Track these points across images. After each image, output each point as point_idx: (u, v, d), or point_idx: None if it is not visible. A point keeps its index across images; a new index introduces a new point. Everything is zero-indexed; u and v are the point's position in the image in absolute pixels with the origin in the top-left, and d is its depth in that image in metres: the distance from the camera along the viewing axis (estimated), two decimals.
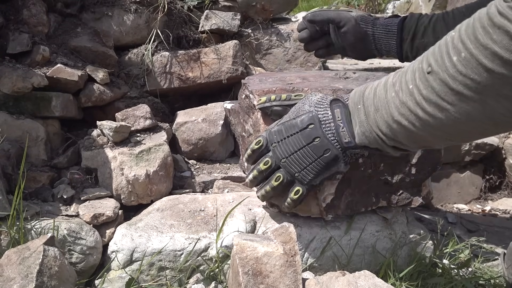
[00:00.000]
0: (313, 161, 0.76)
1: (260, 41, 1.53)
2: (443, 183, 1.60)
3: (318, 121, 0.75)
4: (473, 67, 0.51)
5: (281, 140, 0.77)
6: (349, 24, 1.09)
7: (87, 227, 0.91)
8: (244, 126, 1.03)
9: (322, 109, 0.76)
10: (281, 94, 0.85)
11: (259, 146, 0.80)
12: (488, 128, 0.58)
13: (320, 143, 0.75)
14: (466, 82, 0.52)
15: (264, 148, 0.80)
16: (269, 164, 0.79)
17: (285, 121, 0.79)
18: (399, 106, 0.62)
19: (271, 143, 0.78)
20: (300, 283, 0.73)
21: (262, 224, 0.92)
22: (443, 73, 0.54)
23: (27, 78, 1.06)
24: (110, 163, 1.02)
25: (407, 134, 0.64)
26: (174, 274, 0.87)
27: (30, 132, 1.06)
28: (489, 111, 0.53)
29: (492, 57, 0.49)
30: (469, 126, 0.57)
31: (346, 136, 0.73)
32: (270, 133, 0.79)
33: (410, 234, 0.97)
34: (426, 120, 0.59)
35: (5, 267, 0.70)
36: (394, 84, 0.65)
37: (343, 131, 0.73)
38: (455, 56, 0.53)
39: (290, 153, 0.77)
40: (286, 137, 0.77)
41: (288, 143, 0.77)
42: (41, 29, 1.20)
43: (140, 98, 1.34)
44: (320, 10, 1.16)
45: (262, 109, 0.88)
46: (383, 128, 0.67)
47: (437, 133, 0.61)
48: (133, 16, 1.35)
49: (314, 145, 0.75)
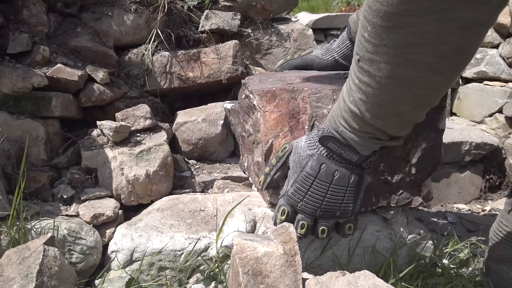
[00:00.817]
0: (345, 193, 0.77)
1: (260, 41, 1.53)
2: (443, 183, 1.60)
3: (324, 157, 0.76)
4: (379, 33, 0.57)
5: (303, 197, 0.77)
6: (315, 64, 1.16)
7: (87, 227, 0.91)
8: (244, 126, 1.03)
9: (320, 147, 0.77)
10: (271, 160, 0.84)
11: (286, 215, 0.80)
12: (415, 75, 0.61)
13: (340, 174, 0.76)
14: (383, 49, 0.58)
15: (291, 214, 0.79)
16: (306, 226, 0.79)
17: (295, 178, 0.78)
18: (360, 103, 0.67)
19: (296, 205, 0.78)
20: (300, 283, 0.73)
21: (262, 224, 0.92)
22: (366, 54, 0.61)
23: (27, 78, 1.06)
24: (110, 163, 1.02)
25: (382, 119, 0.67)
26: (174, 274, 0.87)
27: (30, 132, 1.06)
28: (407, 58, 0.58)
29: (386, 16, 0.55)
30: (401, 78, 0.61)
31: (352, 157, 0.75)
32: (289, 197, 0.79)
33: (410, 234, 0.97)
34: (377, 96, 0.64)
35: (5, 267, 0.70)
36: (347, 92, 0.70)
37: (347, 155, 0.75)
38: (365, 33, 0.60)
39: (320, 201, 0.77)
40: (306, 191, 0.77)
41: (313, 194, 0.77)
42: (41, 29, 1.20)
43: (140, 98, 1.34)
44: (285, 61, 1.21)
45: (268, 185, 0.86)
46: (369, 128, 0.69)
47: (388, 93, 0.64)
48: (133, 16, 1.35)
49: (337, 179, 0.76)
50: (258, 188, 1.04)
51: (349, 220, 0.81)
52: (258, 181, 0.89)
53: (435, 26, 0.53)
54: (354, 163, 0.76)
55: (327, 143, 0.75)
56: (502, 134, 1.69)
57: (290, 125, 0.89)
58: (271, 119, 0.89)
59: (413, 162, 0.91)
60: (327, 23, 1.94)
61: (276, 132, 0.89)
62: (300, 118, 0.89)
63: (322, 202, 0.77)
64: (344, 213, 0.79)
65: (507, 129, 1.71)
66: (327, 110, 0.89)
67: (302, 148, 0.79)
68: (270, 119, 0.89)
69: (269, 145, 0.89)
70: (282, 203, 0.80)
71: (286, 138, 0.89)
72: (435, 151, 0.93)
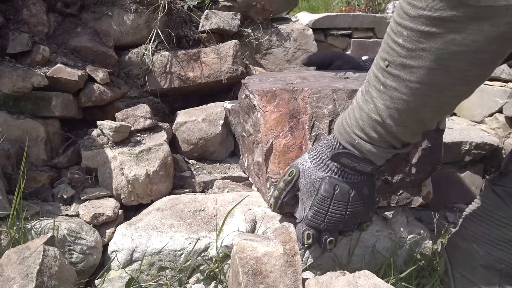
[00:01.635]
0: (363, 206, 0.79)
1: (260, 41, 1.53)
2: (443, 183, 1.60)
3: (335, 179, 0.77)
4: (417, 38, 0.57)
5: (324, 218, 0.79)
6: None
7: (87, 227, 0.91)
8: (244, 126, 1.03)
9: (330, 165, 0.78)
10: (279, 184, 0.84)
11: (312, 238, 0.81)
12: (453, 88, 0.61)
13: (355, 191, 0.77)
14: (419, 54, 0.58)
15: (316, 235, 0.81)
16: (334, 241, 0.81)
17: (312, 202, 0.79)
18: (383, 109, 0.66)
19: (319, 227, 0.80)
20: (300, 283, 0.73)
21: (262, 224, 0.92)
22: (398, 58, 0.60)
23: (27, 78, 1.06)
24: (110, 163, 1.02)
25: (403, 127, 0.67)
26: (174, 274, 0.87)
27: (30, 132, 1.06)
28: (447, 68, 0.58)
29: (427, 21, 0.55)
30: (435, 90, 0.61)
31: (366, 168, 0.75)
32: (310, 221, 0.80)
33: (410, 234, 0.97)
34: (405, 101, 0.64)
35: (5, 267, 0.70)
36: (365, 100, 0.69)
37: (361, 167, 0.75)
38: (399, 38, 0.59)
39: (342, 218, 0.79)
40: (326, 212, 0.78)
41: (333, 214, 0.78)
42: (41, 29, 1.20)
43: (140, 98, 1.34)
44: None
45: (279, 207, 0.86)
46: (387, 137, 0.69)
47: (417, 104, 0.64)
48: (133, 16, 1.35)
49: (353, 197, 0.77)
50: (258, 188, 1.04)
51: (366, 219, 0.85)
52: (268, 202, 0.89)
53: (481, 34, 0.53)
54: (367, 173, 0.77)
55: (340, 158, 0.75)
56: (502, 134, 1.70)
57: (290, 125, 0.89)
58: (271, 119, 0.89)
59: (413, 162, 0.91)
60: (327, 23, 1.94)
61: (277, 132, 0.89)
62: (300, 118, 0.89)
63: (344, 218, 0.79)
64: (364, 218, 0.82)
65: (507, 129, 1.71)
66: (327, 110, 0.89)
67: (310, 170, 0.79)
68: (270, 119, 0.89)
69: (269, 145, 0.89)
70: (305, 228, 0.81)
71: (286, 138, 0.88)
72: (435, 151, 0.93)
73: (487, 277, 0.84)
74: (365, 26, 2.02)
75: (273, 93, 0.89)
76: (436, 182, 1.58)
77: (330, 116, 0.89)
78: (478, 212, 0.88)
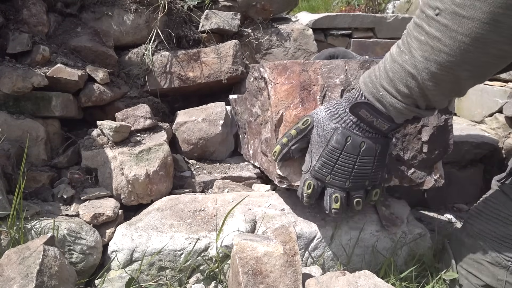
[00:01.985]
0: (374, 162, 0.77)
1: (260, 41, 1.53)
2: (443, 183, 1.60)
3: (349, 130, 0.76)
4: None
5: (331, 170, 0.78)
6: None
7: (87, 227, 0.91)
8: (252, 110, 1.04)
9: (344, 117, 0.76)
10: (290, 131, 0.83)
11: (312, 189, 0.80)
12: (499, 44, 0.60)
13: (367, 145, 0.76)
14: (473, 3, 0.57)
15: (317, 188, 0.80)
16: (340, 199, 0.79)
17: (321, 152, 0.78)
18: (420, 60, 0.65)
19: (324, 179, 0.79)
20: (300, 283, 0.73)
21: (262, 224, 0.92)
22: (451, 6, 0.60)
23: (27, 78, 1.06)
24: (110, 163, 1.02)
25: (435, 83, 0.66)
26: (174, 274, 0.87)
27: (30, 132, 1.06)
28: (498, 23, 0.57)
29: None
30: (482, 45, 0.60)
31: (383, 125, 0.74)
32: (316, 171, 0.79)
33: (410, 234, 0.97)
34: (446, 54, 0.63)
35: (5, 267, 0.70)
36: (400, 51, 0.68)
37: (378, 123, 0.74)
38: None
39: (349, 173, 0.77)
40: (334, 164, 0.77)
41: (340, 167, 0.77)
42: (41, 29, 1.20)
43: (140, 98, 1.34)
44: None
45: (284, 156, 0.84)
46: (415, 93, 0.68)
47: (458, 63, 0.63)
48: (133, 16, 1.35)
49: (364, 151, 0.76)
50: (265, 169, 1.01)
51: (375, 186, 0.82)
52: (272, 152, 0.87)
53: None
54: (382, 132, 0.76)
55: (359, 110, 0.73)
56: (502, 134, 1.69)
57: (301, 97, 0.88)
58: (282, 91, 0.89)
59: (424, 139, 0.91)
60: (327, 23, 1.94)
61: (287, 103, 0.88)
62: (311, 90, 0.89)
63: (351, 174, 0.77)
64: (373, 182, 0.80)
65: (507, 129, 1.71)
66: (339, 80, 0.88)
67: (324, 121, 0.78)
68: (281, 90, 0.89)
69: (279, 116, 0.88)
70: (308, 177, 0.80)
71: (297, 110, 0.88)
72: (445, 133, 0.93)
73: (493, 273, 0.84)
74: (365, 26, 2.02)
75: (284, 66, 0.89)
76: None
77: (342, 86, 0.89)
78: (485, 211, 0.89)
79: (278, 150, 0.84)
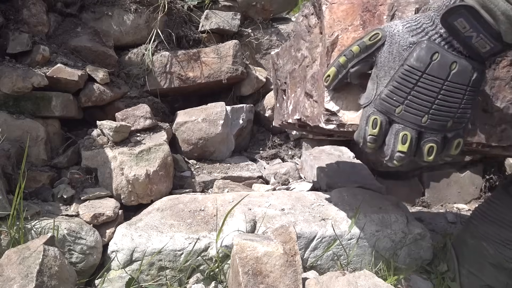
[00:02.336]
0: (465, 94, 0.57)
1: (260, 40, 1.53)
2: (443, 183, 1.60)
3: (437, 45, 0.57)
4: None
5: (405, 98, 0.58)
6: None
7: (87, 227, 0.91)
8: (297, 56, 0.89)
9: (431, 31, 0.58)
10: (351, 48, 0.64)
11: (379, 127, 0.59)
12: None
13: (460, 67, 0.56)
14: None
15: (385, 125, 0.60)
16: (410, 139, 0.58)
17: (392, 75, 0.59)
18: None
19: (393, 110, 0.59)
20: (300, 283, 0.73)
21: (262, 224, 0.92)
22: None
23: (27, 78, 1.06)
24: (110, 163, 1.02)
25: None
26: (174, 274, 0.87)
27: (30, 132, 1.06)
28: None
29: None
30: None
31: (485, 45, 0.55)
32: (383, 100, 0.59)
33: (410, 234, 0.97)
34: None
35: (5, 267, 0.70)
36: None
37: (479, 40, 0.55)
38: None
39: (430, 104, 0.57)
40: (410, 90, 0.57)
41: (418, 94, 0.57)
42: (41, 29, 1.20)
43: (140, 98, 1.34)
44: None
45: (339, 81, 0.66)
46: None
47: None
48: (133, 16, 1.35)
49: (455, 74, 0.56)
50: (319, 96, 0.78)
51: (458, 134, 0.60)
52: (324, 77, 0.68)
53: None
54: (480, 55, 0.56)
55: (456, 19, 0.54)
56: None
57: (363, 19, 0.71)
58: (340, 11, 0.72)
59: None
60: None
61: (345, 25, 0.72)
62: (376, 12, 0.72)
63: (431, 106, 0.57)
64: (458, 123, 0.58)
65: None
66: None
67: (400, 35, 0.59)
68: (338, 10, 0.72)
69: (334, 38, 0.71)
70: (372, 111, 0.60)
71: (356, 32, 0.71)
72: None
73: (495, 274, 0.84)
74: None
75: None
76: (436, 182, 1.58)
77: (416, 4, 0.70)
78: (490, 213, 0.88)
79: (333, 73, 0.65)
